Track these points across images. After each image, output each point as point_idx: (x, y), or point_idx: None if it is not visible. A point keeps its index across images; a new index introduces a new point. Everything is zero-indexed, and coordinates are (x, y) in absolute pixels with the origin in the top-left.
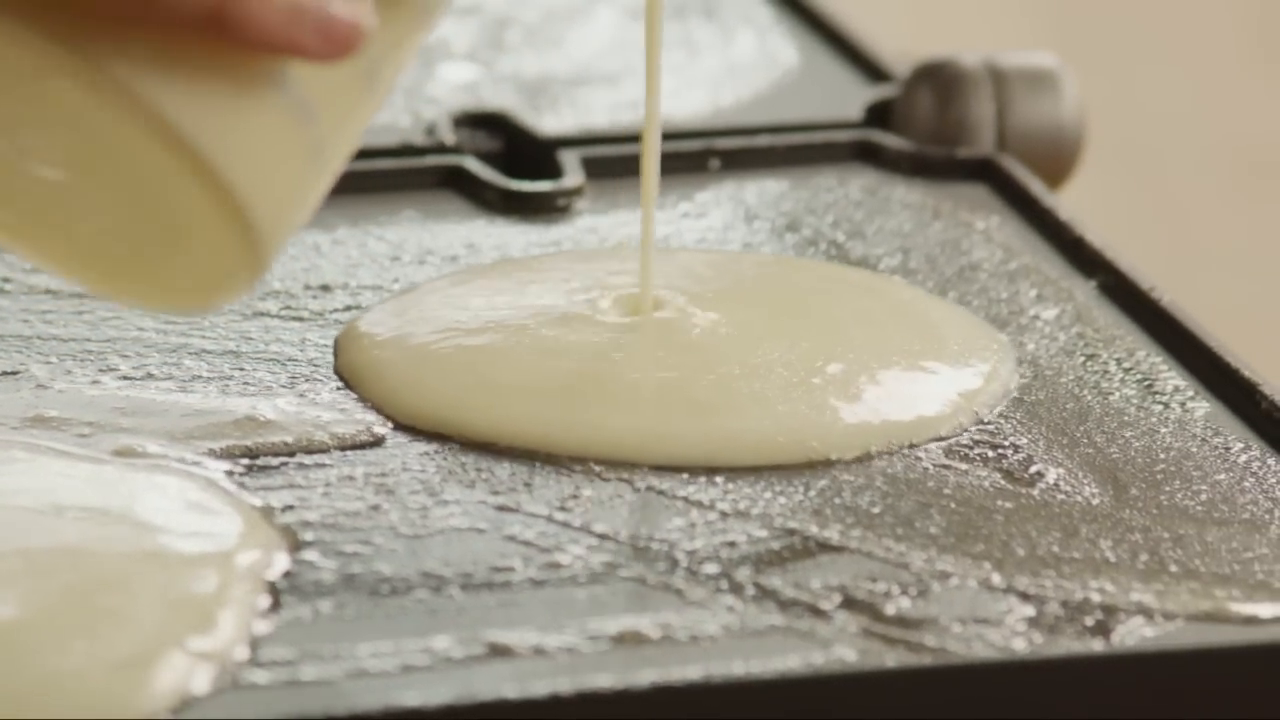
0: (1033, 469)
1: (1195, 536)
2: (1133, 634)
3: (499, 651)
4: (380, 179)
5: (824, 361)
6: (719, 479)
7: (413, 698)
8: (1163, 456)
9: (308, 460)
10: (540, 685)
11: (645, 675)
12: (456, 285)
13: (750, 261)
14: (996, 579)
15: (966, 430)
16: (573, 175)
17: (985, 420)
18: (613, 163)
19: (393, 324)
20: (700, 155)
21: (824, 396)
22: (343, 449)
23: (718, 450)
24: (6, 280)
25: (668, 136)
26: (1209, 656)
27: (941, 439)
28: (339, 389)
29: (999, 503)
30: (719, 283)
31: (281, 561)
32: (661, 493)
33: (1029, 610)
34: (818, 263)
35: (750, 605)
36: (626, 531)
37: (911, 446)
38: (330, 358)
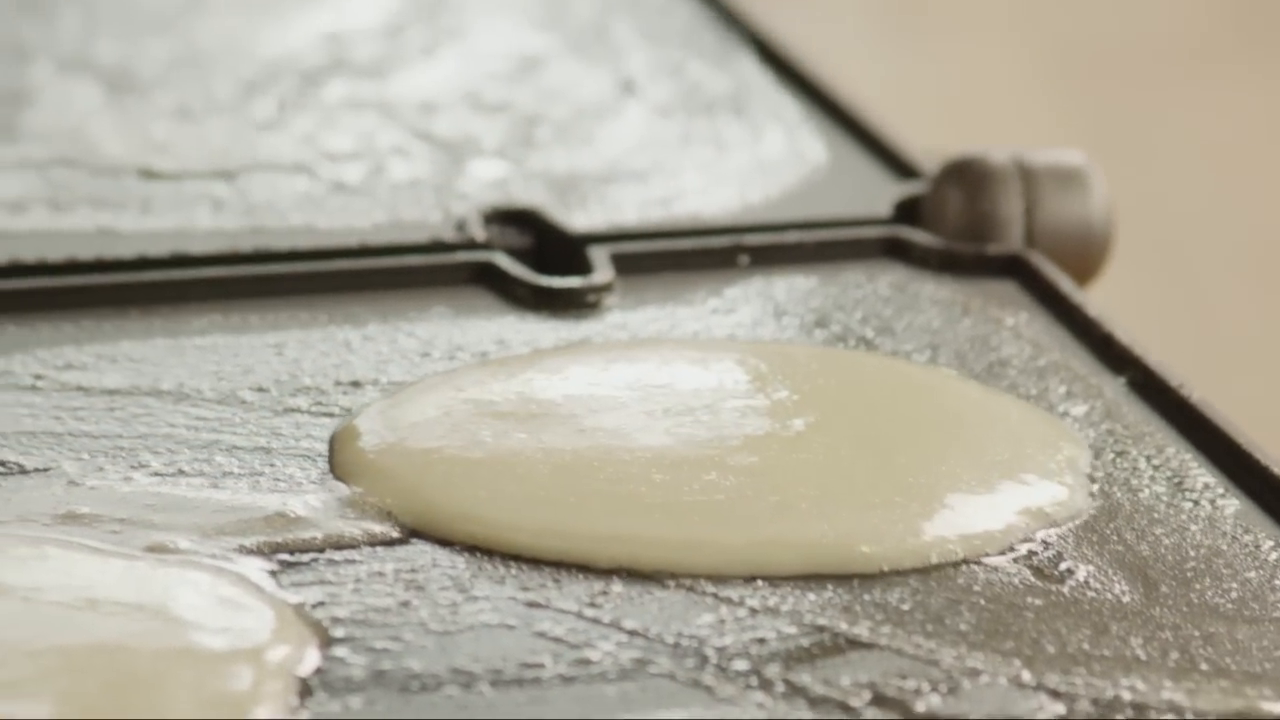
0: (1062, 565)
1: (1226, 634)
2: None
3: None
4: (411, 275)
5: (910, 476)
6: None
7: None
8: (1193, 554)
9: (338, 556)
10: None
11: None
12: (457, 381)
13: (804, 355)
14: (1027, 676)
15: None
16: (602, 271)
17: (1057, 525)
18: (642, 259)
19: (394, 423)
20: (729, 251)
21: (901, 513)
22: (372, 545)
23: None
24: (39, 377)
25: (697, 233)
26: None
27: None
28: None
29: (1029, 599)
30: (783, 379)
31: (313, 658)
32: (691, 589)
33: (1060, 708)
34: (873, 355)
35: (780, 702)
36: (656, 628)
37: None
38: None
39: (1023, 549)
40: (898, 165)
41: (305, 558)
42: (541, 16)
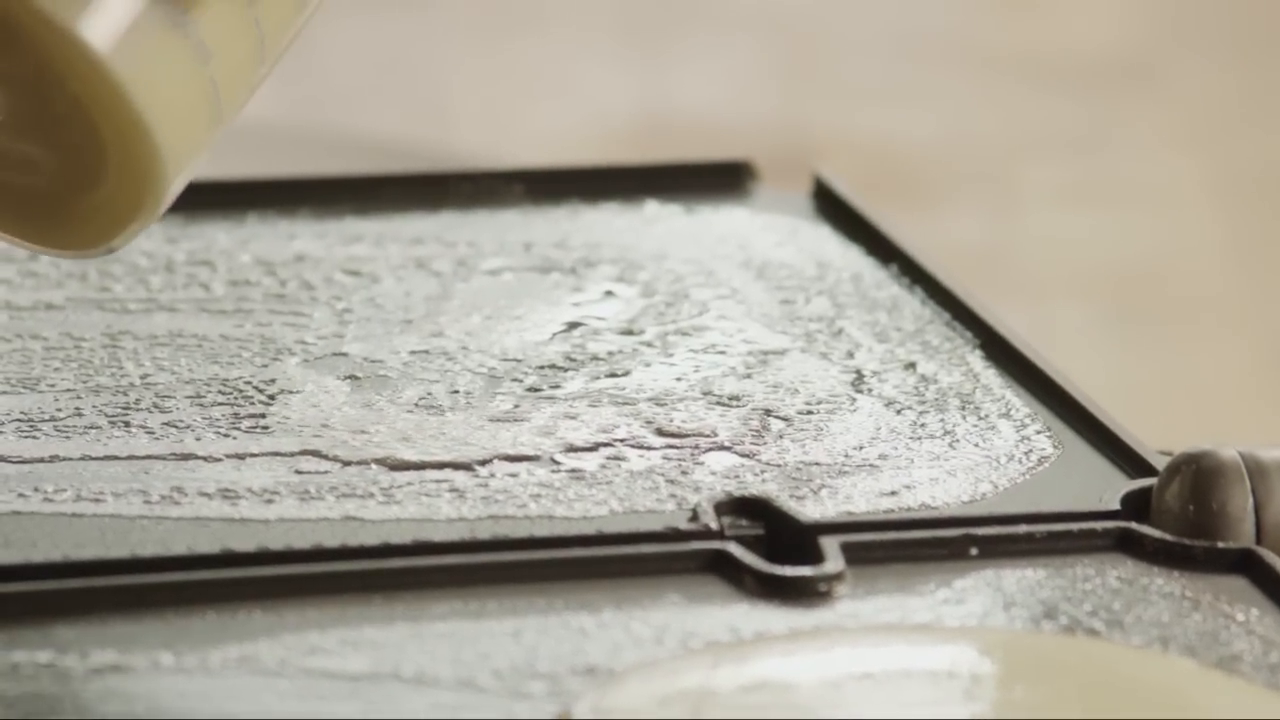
0: None
1: None
2: None
3: None
4: (645, 563)
5: None
6: None
7: None
8: None
9: None
10: None
11: None
12: (681, 669)
13: (1051, 646)
14: None
15: None
16: (833, 561)
17: None
18: (873, 549)
19: (611, 712)
20: (960, 542)
21: None
22: None
23: None
24: (284, 663)
25: (927, 524)
26: None
27: None
28: None
29: None
30: (1035, 672)
31: None
32: None
33: None
34: (1121, 648)
35: None
36: None
37: None
38: None
39: None
40: (1127, 460)
41: None
42: (776, 315)
